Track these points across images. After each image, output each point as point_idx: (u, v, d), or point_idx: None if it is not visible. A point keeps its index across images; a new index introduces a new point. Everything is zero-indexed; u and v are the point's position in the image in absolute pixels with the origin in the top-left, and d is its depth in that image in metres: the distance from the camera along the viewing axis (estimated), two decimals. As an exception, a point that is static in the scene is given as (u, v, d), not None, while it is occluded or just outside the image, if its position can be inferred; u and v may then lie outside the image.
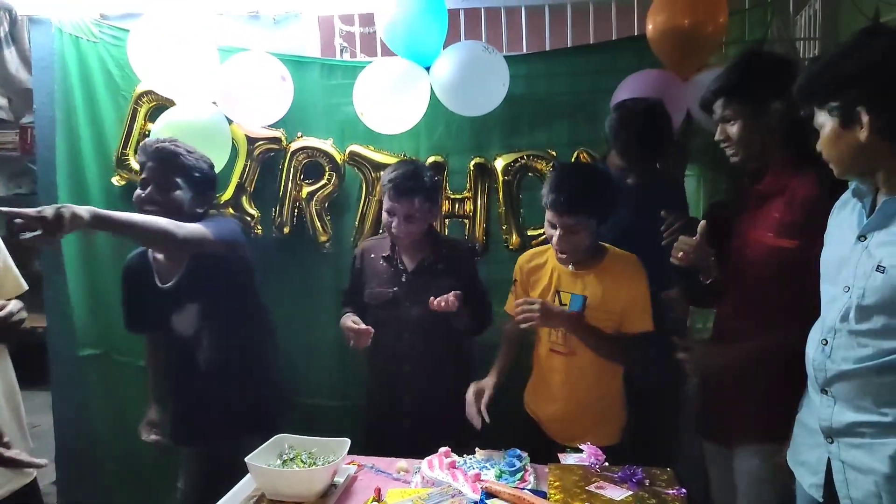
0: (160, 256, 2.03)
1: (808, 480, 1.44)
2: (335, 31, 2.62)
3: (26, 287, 1.91)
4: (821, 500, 1.40)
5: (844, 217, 1.37)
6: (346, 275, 2.25)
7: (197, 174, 1.97)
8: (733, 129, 1.67)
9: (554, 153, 2.35)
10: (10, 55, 2.55)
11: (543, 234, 1.93)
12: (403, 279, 2.08)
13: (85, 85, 2.46)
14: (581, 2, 2.58)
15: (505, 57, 2.29)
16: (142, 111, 2.41)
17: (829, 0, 2.51)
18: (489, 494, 1.35)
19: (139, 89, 2.41)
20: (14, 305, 1.75)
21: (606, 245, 1.89)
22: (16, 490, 1.81)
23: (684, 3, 2.18)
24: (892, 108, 1.20)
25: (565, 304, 1.82)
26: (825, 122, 1.29)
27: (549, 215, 1.79)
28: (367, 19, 2.53)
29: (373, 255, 2.14)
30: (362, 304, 2.13)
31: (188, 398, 2.09)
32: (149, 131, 2.37)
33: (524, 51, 2.59)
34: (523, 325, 1.76)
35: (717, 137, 1.73)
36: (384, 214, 2.07)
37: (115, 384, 2.52)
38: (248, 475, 1.66)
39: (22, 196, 5.14)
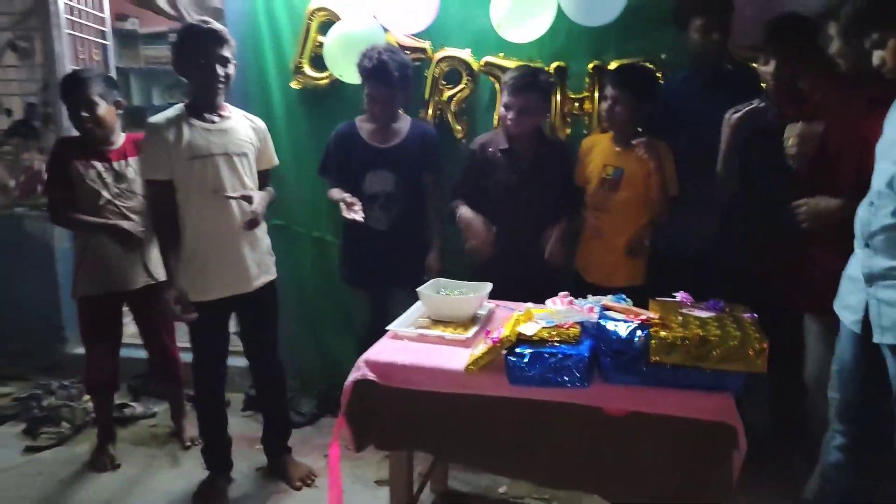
0: (371, 125, 2.68)
1: (849, 318, 1.84)
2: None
3: (277, 162, 2.58)
4: (859, 332, 1.80)
5: None
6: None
7: (402, 82, 2.56)
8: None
9: (664, 56, 2.67)
10: (203, -20, 3.09)
11: None
12: (520, 169, 2.55)
13: (266, 3, 2.97)
14: None
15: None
16: (314, 25, 2.91)
17: None
18: (606, 308, 1.83)
19: (311, 6, 2.89)
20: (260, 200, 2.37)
21: (644, 134, 2.43)
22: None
23: None
24: None
25: (609, 174, 2.51)
26: None
27: (606, 91, 2.48)
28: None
29: (490, 149, 2.60)
30: (475, 196, 2.59)
31: (362, 248, 2.72)
32: (321, 42, 2.88)
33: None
34: None
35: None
36: (502, 109, 2.53)
37: (294, 250, 3.17)
38: (416, 304, 2.23)
39: (175, 104, 5.89)
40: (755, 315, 1.79)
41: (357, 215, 2.51)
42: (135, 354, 3.21)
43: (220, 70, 2.25)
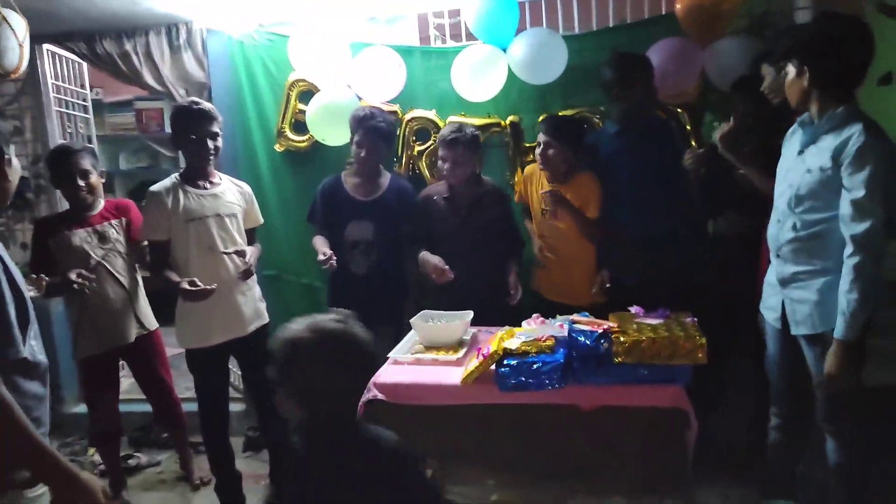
0: (355, 179, 2.98)
1: (771, 316, 2.24)
2: (429, 24, 3.39)
3: (262, 221, 2.83)
4: (779, 327, 2.20)
5: (792, 140, 2.13)
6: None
7: (388, 134, 2.91)
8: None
9: (602, 108, 3.11)
10: (188, 57, 3.38)
11: None
12: (460, 213, 2.89)
13: (250, 78, 3.31)
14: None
15: (563, 36, 3.04)
16: (293, 95, 3.26)
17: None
18: (574, 322, 2.18)
19: (291, 78, 3.25)
20: (252, 254, 2.63)
21: (577, 171, 2.82)
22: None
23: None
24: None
25: (546, 207, 2.85)
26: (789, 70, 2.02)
27: (538, 137, 2.80)
28: (454, 12, 3.31)
29: (435, 197, 2.96)
30: (430, 238, 2.92)
31: (346, 291, 2.98)
32: (300, 110, 3.22)
33: (576, 30, 3.30)
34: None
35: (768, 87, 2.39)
36: (439, 162, 2.89)
37: (286, 297, 3.44)
38: (409, 334, 2.53)
39: (142, 168, 5.97)
40: (695, 319, 2.17)
41: (330, 262, 2.81)
42: (132, 409, 3.40)
43: (209, 144, 2.58)
